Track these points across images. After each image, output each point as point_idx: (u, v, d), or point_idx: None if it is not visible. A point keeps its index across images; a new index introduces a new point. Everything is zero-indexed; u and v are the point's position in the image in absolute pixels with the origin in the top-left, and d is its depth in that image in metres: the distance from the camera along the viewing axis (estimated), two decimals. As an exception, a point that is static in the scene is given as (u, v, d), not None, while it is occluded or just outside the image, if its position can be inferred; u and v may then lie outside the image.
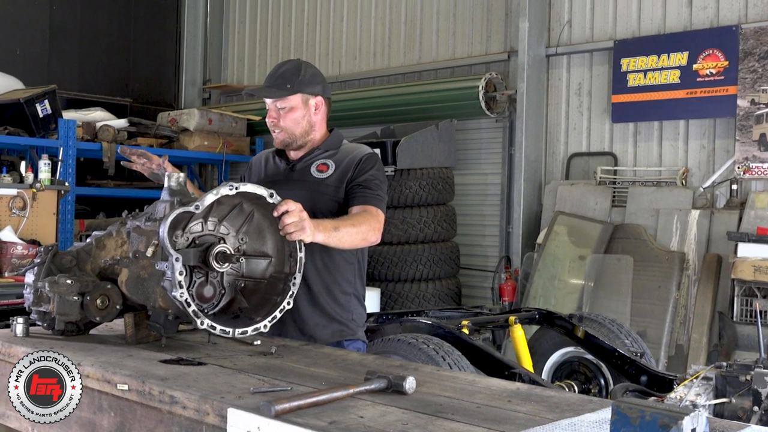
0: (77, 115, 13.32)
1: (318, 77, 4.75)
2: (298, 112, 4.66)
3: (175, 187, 3.93)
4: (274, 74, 4.70)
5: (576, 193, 11.32)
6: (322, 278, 4.59)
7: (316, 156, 4.73)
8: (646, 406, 2.22)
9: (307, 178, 4.67)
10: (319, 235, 4.01)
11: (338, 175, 4.62)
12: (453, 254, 12.07)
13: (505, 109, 12.29)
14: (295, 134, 4.68)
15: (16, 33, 15.14)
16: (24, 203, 9.87)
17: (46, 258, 4.09)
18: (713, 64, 10.32)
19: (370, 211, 4.44)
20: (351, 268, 4.71)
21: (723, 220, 10.00)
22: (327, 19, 15.26)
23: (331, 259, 4.60)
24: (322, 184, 4.62)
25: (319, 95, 4.72)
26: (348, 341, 4.65)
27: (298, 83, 4.62)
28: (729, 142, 10.33)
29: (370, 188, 4.54)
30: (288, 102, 4.63)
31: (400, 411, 2.81)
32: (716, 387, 5.10)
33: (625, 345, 7.48)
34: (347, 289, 4.70)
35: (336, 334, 4.62)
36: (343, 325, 4.65)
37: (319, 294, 4.58)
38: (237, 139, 15.21)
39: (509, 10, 12.51)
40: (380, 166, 4.71)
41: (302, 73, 4.66)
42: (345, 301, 4.68)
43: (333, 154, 4.74)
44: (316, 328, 4.57)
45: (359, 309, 4.79)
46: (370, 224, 4.38)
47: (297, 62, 4.75)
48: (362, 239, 4.36)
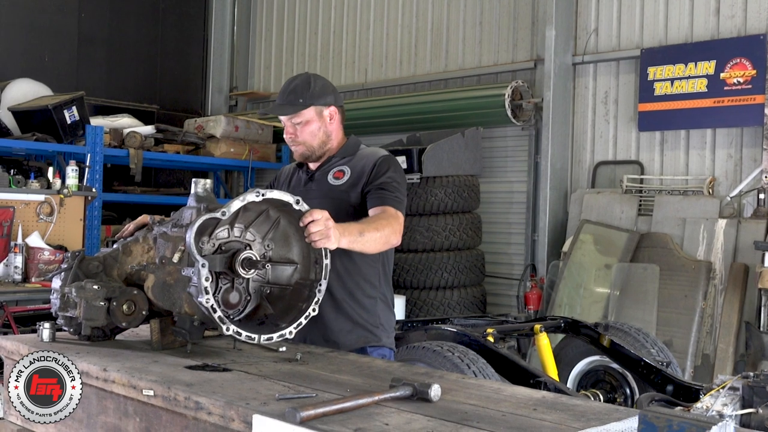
0: (105, 121, 13.39)
1: (328, 88, 4.79)
2: (314, 125, 4.70)
3: (202, 193, 3.94)
4: (285, 91, 4.73)
5: (602, 202, 11.28)
6: (344, 283, 4.59)
7: (333, 163, 4.77)
8: (673, 416, 2.21)
9: (325, 186, 4.71)
10: (344, 240, 4.01)
11: (354, 180, 4.65)
12: (478, 262, 12.05)
13: (531, 117, 12.28)
14: (313, 146, 4.73)
15: (44, 40, 15.23)
16: (51, 209, 9.92)
17: (72, 263, 4.10)
18: (740, 72, 10.28)
19: (390, 213, 4.44)
20: (374, 271, 4.71)
21: (750, 230, 9.94)
22: (353, 27, 15.29)
23: (352, 263, 4.60)
24: (338, 190, 4.65)
25: (332, 105, 4.75)
26: (372, 348, 4.63)
27: (309, 96, 4.66)
28: (756, 151, 10.28)
29: (388, 190, 4.54)
30: (302, 116, 4.67)
31: (426, 418, 2.81)
32: (743, 397, 5.05)
33: (651, 354, 7.45)
34: (371, 293, 4.69)
35: (360, 340, 4.61)
36: (367, 331, 4.64)
37: (343, 299, 4.59)
38: (263, 146, 15.24)
39: (536, 18, 12.50)
40: (397, 168, 4.70)
41: (312, 86, 4.69)
42: (370, 305, 4.67)
43: (349, 159, 4.76)
44: (339, 334, 4.57)
45: (387, 313, 4.78)
46: (392, 227, 4.37)
47: (306, 76, 4.78)
48: (385, 242, 4.36)
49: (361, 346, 4.59)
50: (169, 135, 14.35)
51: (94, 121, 12.98)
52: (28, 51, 15.00)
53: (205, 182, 3.98)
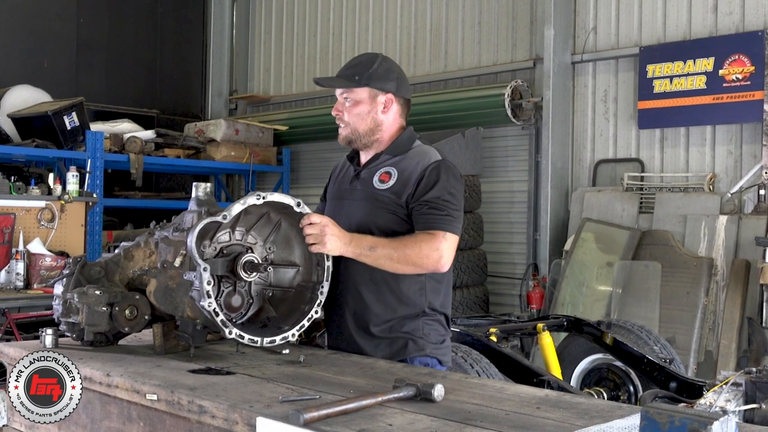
0: (105, 126, 13.39)
1: (393, 73, 4.39)
2: (363, 107, 4.33)
3: (203, 197, 3.94)
4: (348, 65, 4.42)
5: (603, 200, 11.28)
6: (380, 298, 4.22)
7: (382, 162, 4.36)
8: (675, 412, 2.21)
9: (369, 189, 4.32)
10: (350, 250, 3.93)
11: (399, 187, 4.24)
12: (480, 262, 12.04)
13: (531, 117, 12.27)
14: (358, 131, 4.35)
15: (43, 46, 15.23)
16: (52, 215, 9.93)
17: (74, 269, 4.10)
18: (739, 69, 10.27)
19: (433, 235, 4.06)
20: (416, 286, 4.25)
21: (751, 226, 9.95)
22: (352, 29, 15.29)
23: (393, 278, 4.19)
24: (382, 195, 4.25)
25: (391, 92, 4.36)
26: (413, 358, 4.22)
27: (367, 76, 4.30)
28: (756, 147, 10.28)
29: (436, 208, 4.12)
30: (354, 94, 4.32)
31: (429, 418, 2.81)
32: (746, 393, 5.06)
33: (654, 351, 7.46)
34: (410, 311, 4.25)
35: (400, 352, 4.21)
36: (408, 338, 4.22)
37: (378, 315, 4.22)
38: (263, 149, 15.24)
39: (534, 18, 12.50)
40: (450, 175, 4.23)
41: (375, 66, 4.34)
42: (410, 318, 4.24)
43: (399, 160, 4.34)
44: (376, 350, 4.21)
45: (431, 327, 4.31)
46: (422, 251, 4.02)
47: (373, 55, 4.42)
48: (410, 265, 4.05)
49: (402, 358, 4.19)
50: (170, 139, 14.36)
51: (94, 126, 12.99)
52: (27, 57, 14.99)
53: (206, 186, 3.98)
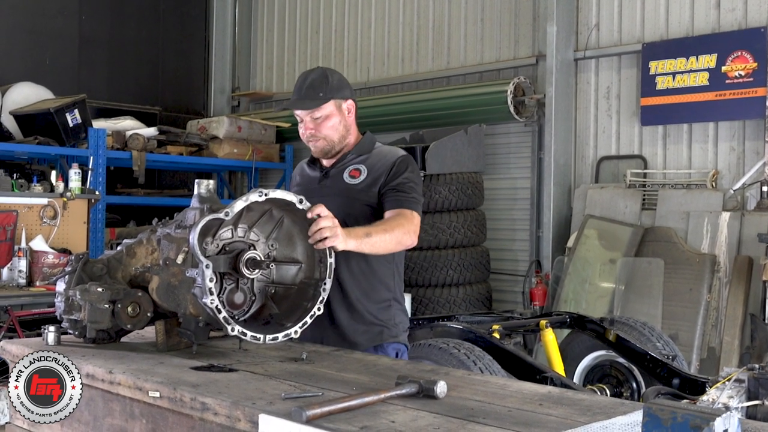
0: (107, 124, 13.40)
1: (344, 81, 4.70)
2: (335, 119, 4.59)
3: (205, 194, 3.93)
4: (302, 86, 4.60)
5: (606, 197, 11.28)
6: (359, 284, 4.55)
7: (349, 161, 4.67)
8: (677, 408, 2.21)
9: (340, 185, 4.61)
10: (351, 242, 3.99)
11: (371, 180, 4.56)
12: (483, 259, 12.05)
13: (533, 114, 12.27)
14: (334, 141, 4.62)
15: (45, 43, 15.24)
16: (55, 212, 9.91)
17: (76, 266, 4.09)
18: (742, 65, 10.27)
19: (404, 214, 4.38)
20: (389, 272, 4.65)
21: (754, 222, 9.94)
22: (355, 26, 15.29)
23: (367, 265, 4.54)
24: (355, 190, 4.56)
25: (349, 98, 4.67)
26: (388, 343, 4.59)
27: (329, 90, 4.55)
28: (759, 144, 10.28)
29: (404, 191, 4.48)
30: (323, 110, 4.56)
31: (432, 415, 2.81)
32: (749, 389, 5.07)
33: (657, 348, 7.46)
34: (386, 295, 4.64)
35: (376, 338, 4.56)
36: (383, 327, 4.59)
37: (358, 300, 4.54)
38: (266, 146, 15.25)
39: (537, 15, 12.50)
40: (414, 168, 4.62)
41: (330, 79, 4.58)
42: (385, 306, 4.62)
43: (365, 158, 4.67)
44: (356, 335, 4.53)
45: (401, 314, 4.72)
46: (404, 228, 4.32)
47: (321, 70, 4.67)
48: (397, 243, 4.32)
49: (378, 343, 4.56)
50: (172, 137, 14.36)
51: (97, 123, 12.99)
52: (29, 54, 15.00)
53: (208, 183, 3.97)
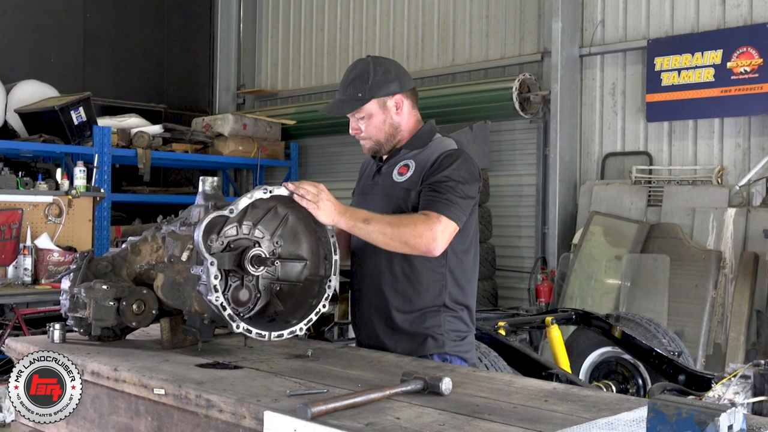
0: (112, 121, 13.40)
1: (390, 74, 4.35)
2: (377, 118, 4.32)
3: (210, 191, 3.93)
4: (344, 83, 4.36)
5: (611, 193, 11.27)
6: (400, 289, 4.22)
7: (402, 156, 4.38)
8: (682, 404, 2.20)
9: (388, 183, 4.34)
10: (343, 220, 3.88)
11: (416, 177, 4.24)
12: (489, 255, 12.04)
13: (539, 110, 12.25)
14: (380, 140, 4.37)
15: (50, 41, 15.23)
16: (60, 210, 9.91)
17: (81, 264, 4.10)
18: (747, 61, 10.25)
19: (425, 216, 4.01)
20: (437, 276, 4.21)
21: (759, 218, 9.93)
22: (360, 23, 15.28)
23: (411, 268, 4.21)
24: (400, 188, 4.26)
25: (396, 93, 4.34)
26: (434, 354, 4.19)
27: (369, 89, 4.28)
28: (764, 140, 10.27)
29: (438, 191, 4.09)
30: (364, 111, 4.31)
31: (437, 412, 2.81)
32: (754, 385, 5.05)
33: (663, 344, 7.45)
34: (431, 302, 4.21)
35: (418, 348, 4.18)
36: (428, 336, 4.20)
37: (395, 308, 4.22)
38: (271, 143, 15.23)
39: (542, 11, 12.47)
40: (462, 165, 4.23)
41: (371, 76, 4.29)
42: (431, 314, 4.21)
43: (418, 152, 4.36)
44: (395, 344, 4.22)
45: (454, 323, 4.26)
46: (416, 229, 3.95)
47: (365, 64, 4.37)
48: (402, 243, 3.96)
49: (422, 354, 4.17)
50: (177, 134, 14.36)
51: (102, 121, 12.99)
52: (34, 52, 15.00)
53: (213, 180, 3.97)
